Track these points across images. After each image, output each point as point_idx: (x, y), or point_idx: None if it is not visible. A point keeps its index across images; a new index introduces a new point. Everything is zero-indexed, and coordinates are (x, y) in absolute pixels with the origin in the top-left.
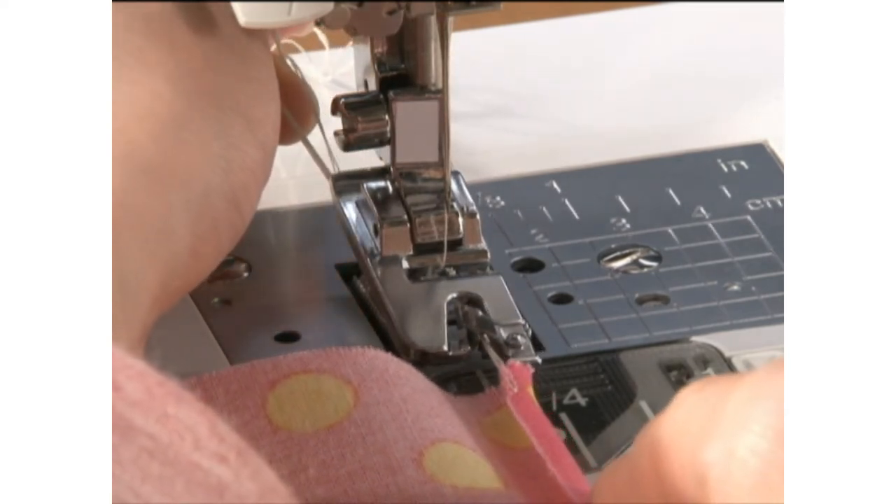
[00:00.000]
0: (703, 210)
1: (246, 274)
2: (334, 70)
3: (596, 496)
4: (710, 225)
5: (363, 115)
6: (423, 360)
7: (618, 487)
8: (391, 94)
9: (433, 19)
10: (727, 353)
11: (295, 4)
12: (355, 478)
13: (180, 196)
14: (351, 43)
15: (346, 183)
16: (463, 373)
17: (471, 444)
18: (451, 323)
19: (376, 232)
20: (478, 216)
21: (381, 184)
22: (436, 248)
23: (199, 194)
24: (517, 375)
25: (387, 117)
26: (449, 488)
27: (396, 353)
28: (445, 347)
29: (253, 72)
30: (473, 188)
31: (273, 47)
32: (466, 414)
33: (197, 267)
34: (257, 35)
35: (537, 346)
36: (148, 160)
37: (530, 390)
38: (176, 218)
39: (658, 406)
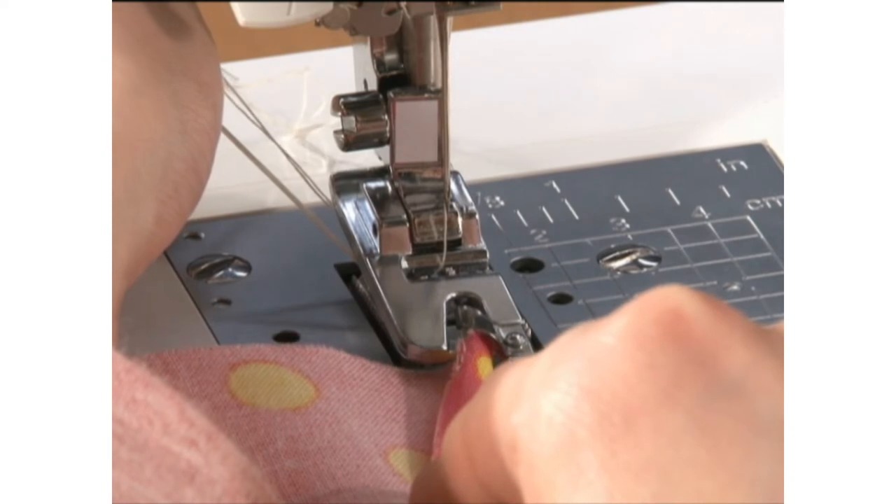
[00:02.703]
0: (702, 210)
1: (246, 274)
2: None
3: (413, 490)
4: (710, 225)
5: (362, 115)
6: (422, 360)
7: (434, 480)
8: (391, 94)
9: (433, 19)
10: None
11: (294, 4)
12: (325, 454)
13: (144, 163)
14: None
15: (345, 183)
16: None
17: (427, 446)
18: (450, 323)
19: (375, 232)
20: (477, 216)
21: (381, 184)
22: (435, 248)
23: (161, 160)
24: (470, 347)
25: (386, 117)
26: None
27: (396, 353)
28: (445, 347)
29: (195, 37)
30: (473, 188)
31: None
32: (426, 398)
33: (161, 233)
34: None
35: (537, 346)
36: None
37: (481, 361)
38: (142, 185)
39: None
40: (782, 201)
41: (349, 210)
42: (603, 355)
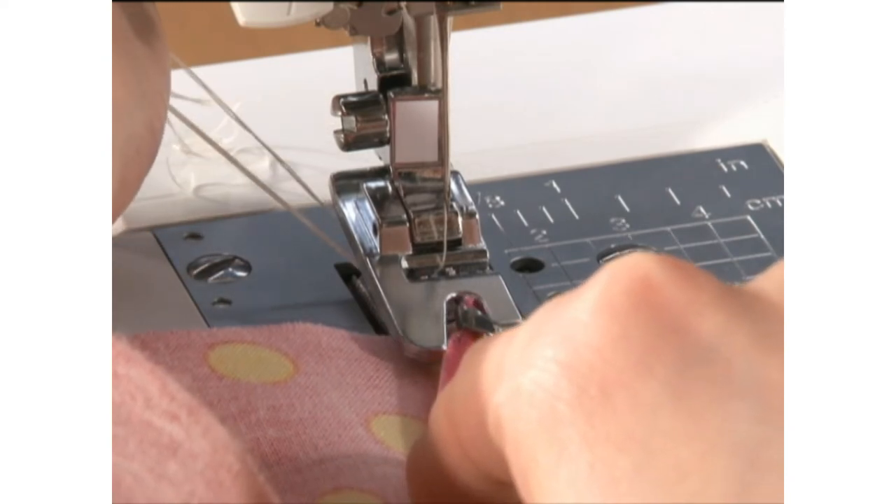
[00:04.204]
0: (703, 210)
1: (246, 274)
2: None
3: (407, 465)
4: (710, 225)
5: (362, 115)
6: (422, 360)
7: (426, 456)
8: (391, 94)
9: (433, 19)
10: None
11: (294, 4)
12: (306, 424)
13: (113, 130)
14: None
15: (345, 183)
16: None
17: (413, 411)
18: (451, 322)
19: (375, 232)
20: (477, 216)
21: (381, 184)
22: (435, 247)
23: (124, 124)
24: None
25: (386, 117)
26: (400, 454)
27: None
28: (445, 347)
29: (145, 9)
30: (473, 188)
31: None
32: (408, 364)
33: (123, 196)
34: None
35: None
36: None
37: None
38: (113, 154)
39: None
40: (782, 201)
41: (349, 210)
42: (577, 330)
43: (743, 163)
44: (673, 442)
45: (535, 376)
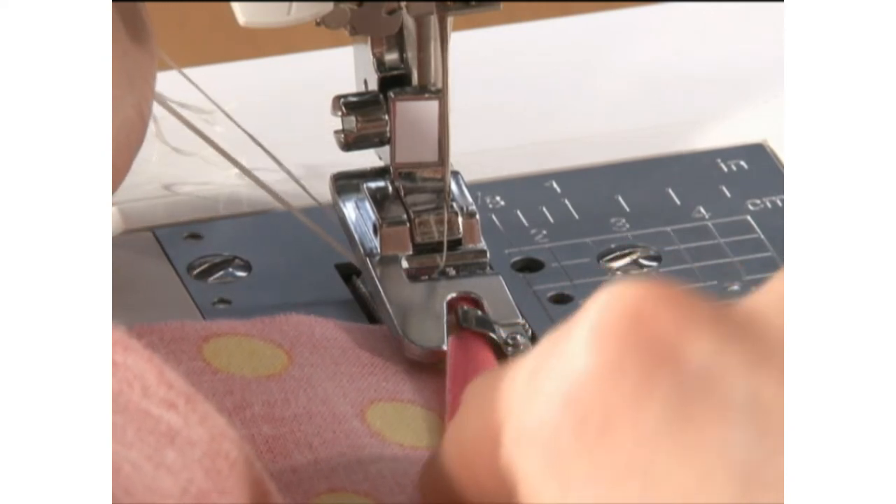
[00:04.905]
0: (703, 210)
1: (246, 274)
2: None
3: (420, 490)
4: (710, 225)
5: (362, 115)
6: (422, 360)
7: (439, 484)
8: (391, 93)
9: (433, 19)
10: None
11: (295, 4)
12: (301, 420)
13: None
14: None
15: (345, 183)
16: None
17: (409, 395)
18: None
19: (376, 232)
20: (477, 216)
21: (381, 184)
22: (435, 248)
23: (116, 111)
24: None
25: (386, 117)
26: (396, 446)
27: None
28: (445, 347)
29: None
30: (473, 188)
31: None
32: (404, 357)
33: (114, 180)
34: None
35: None
36: None
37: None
38: None
39: None
40: (782, 201)
41: (349, 210)
42: (574, 365)
43: (743, 163)
44: (673, 467)
45: (538, 413)
